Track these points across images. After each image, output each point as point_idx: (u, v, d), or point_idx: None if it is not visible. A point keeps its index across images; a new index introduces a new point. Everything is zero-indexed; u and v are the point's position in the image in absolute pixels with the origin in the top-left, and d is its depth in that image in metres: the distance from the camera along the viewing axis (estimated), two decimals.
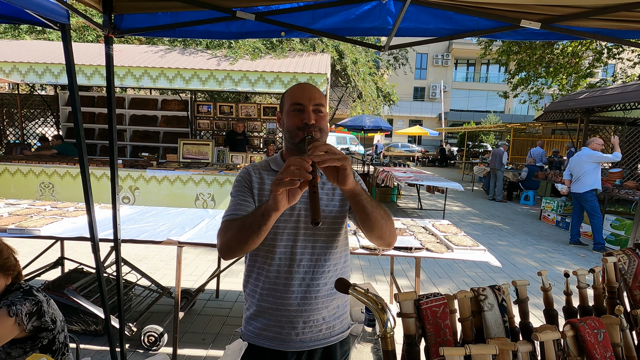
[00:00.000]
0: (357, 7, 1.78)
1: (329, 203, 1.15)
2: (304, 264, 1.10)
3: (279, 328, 1.11)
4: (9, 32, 8.02)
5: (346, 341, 1.23)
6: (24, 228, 2.36)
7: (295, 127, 1.08)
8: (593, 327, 0.61)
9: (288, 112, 1.10)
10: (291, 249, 1.10)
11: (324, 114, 1.11)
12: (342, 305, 1.21)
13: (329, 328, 1.15)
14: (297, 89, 1.12)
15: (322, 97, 1.12)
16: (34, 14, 1.51)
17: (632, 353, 0.65)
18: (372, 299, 0.69)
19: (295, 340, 1.11)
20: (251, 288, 1.17)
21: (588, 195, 5.59)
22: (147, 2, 1.74)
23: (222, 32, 1.88)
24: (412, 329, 0.67)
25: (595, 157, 5.53)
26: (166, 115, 8.32)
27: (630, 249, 0.96)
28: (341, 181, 0.90)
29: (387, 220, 1.05)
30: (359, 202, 0.98)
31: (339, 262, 1.17)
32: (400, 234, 2.70)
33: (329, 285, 1.13)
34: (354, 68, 8.01)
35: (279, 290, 1.10)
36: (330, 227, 1.14)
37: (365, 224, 1.03)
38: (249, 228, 0.94)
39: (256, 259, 1.15)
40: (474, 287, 0.77)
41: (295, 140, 1.08)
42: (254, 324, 1.15)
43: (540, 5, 1.67)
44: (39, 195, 6.06)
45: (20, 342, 1.46)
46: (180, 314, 2.56)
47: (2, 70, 5.53)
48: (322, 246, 1.13)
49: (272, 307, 1.11)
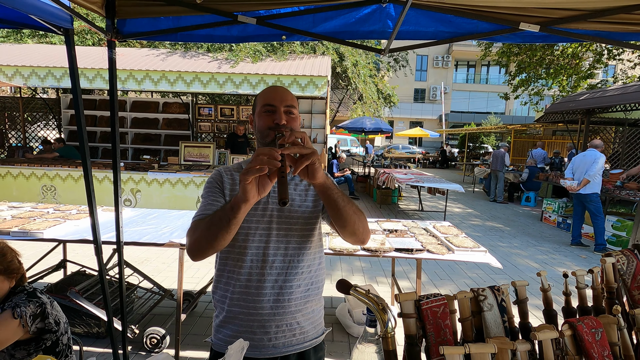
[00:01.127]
0: (357, 10, 1.80)
1: (302, 203, 1.15)
2: (276, 266, 1.09)
3: (251, 334, 1.08)
4: (12, 36, 8.08)
5: (320, 347, 1.20)
6: (27, 231, 2.37)
7: (266, 127, 1.08)
8: (591, 327, 0.62)
9: (260, 113, 1.10)
10: (263, 250, 1.09)
11: (296, 115, 1.11)
12: (317, 309, 1.19)
13: (303, 333, 1.13)
14: (269, 91, 1.12)
15: (294, 100, 1.12)
16: (38, 19, 1.53)
17: (629, 352, 0.66)
18: (373, 299, 0.70)
19: (268, 346, 1.09)
20: (221, 294, 1.14)
21: (593, 196, 5.58)
22: (149, 6, 1.76)
23: (223, 36, 1.90)
24: (413, 329, 0.68)
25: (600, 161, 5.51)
26: (167, 117, 8.35)
27: (629, 249, 0.96)
28: (311, 175, 0.89)
29: (359, 215, 1.03)
30: (330, 197, 0.97)
31: (312, 264, 1.16)
32: (401, 236, 2.71)
33: (302, 287, 1.12)
34: (354, 70, 8.04)
35: (251, 293, 1.08)
36: (304, 227, 1.13)
37: (337, 220, 1.02)
38: (218, 223, 0.92)
39: (226, 262, 1.12)
40: (473, 288, 0.78)
41: (267, 140, 1.08)
42: (224, 332, 1.12)
43: (539, 8, 1.68)
44: (41, 198, 6.09)
45: (24, 344, 1.47)
46: (183, 316, 2.57)
47: (4, 74, 5.57)
48: (295, 247, 1.11)
49: (244, 312, 1.09)
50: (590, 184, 5.57)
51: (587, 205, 5.67)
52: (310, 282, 1.15)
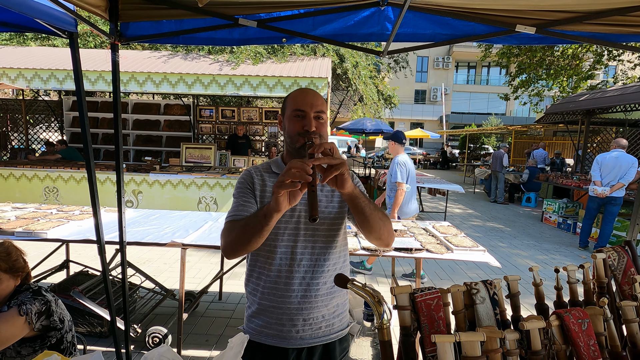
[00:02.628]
0: (356, 13, 1.83)
1: (328, 204, 1.19)
2: (304, 264, 1.14)
3: (280, 325, 1.14)
4: (15, 39, 8.14)
5: (345, 338, 1.26)
6: (31, 231, 2.41)
7: (296, 132, 1.11)
8: (577, 317, 0.64)
9: (290, 117, 1.13)
10: (292, 249, 1.14)
11: (325, 120, 1.14)
12: (341, 304, 1.24)
13: (328, 326, 1.19)
14: (299, 95, 1.15)
15: (324, 104, 1.16)
16: (44, 23, 1.56)
17: (615, 342, 0.68)
18: (369, 292, 0.72)
19: (296, 338, 1.14)
20: (252, 287, 1.20)
21: (620, 200, 5.31)
22: (152, 10, 1.79)
23: (225, 38, 1.93)
24: (408, 321, 0.71)
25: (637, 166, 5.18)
26: (169, 119, 8.39)
27: (620, 246, 0.99)
28: (340, 185, 0.94)
29: (384, 221, 1.08)
30: (358, 205, 1.01)
31: (338, 262, 1.21)
32: (401, 236, 2.73)
33: (328, 284, 1.17)
34: (354, 71, 8.08)
35: (280, 289, 1.14)
36: (330, 227, 1.18)
37: (363, 226, 1.07)
38: (252, 229, 0.98)
39: (257, 258, 1.18)
40: (466, 282, 0.80)
41: (296, 145, 1.12)
42: (256, 322, 1.19)
43: (534, 11, 1.71)
44: (44, 199, 6.12)
45: (29, 341, 1.50)
46: (184, 316, 2.59)
47: (7, 77, 5.61)
48: (321, 246, 1.16)
49: (273, 305, 1.15)
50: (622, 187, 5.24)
51: (610, 208, 5.37)
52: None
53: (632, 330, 0.70)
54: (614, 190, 5.24)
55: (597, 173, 5.43)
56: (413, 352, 0.69)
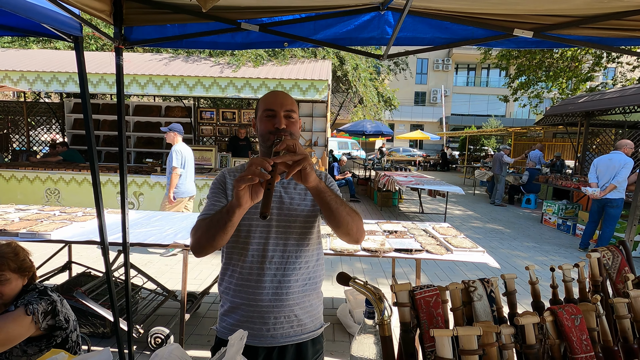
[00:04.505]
0: (356, 17, 1.86)
1: (300, 202, 1.20)
2: (275, 261, 1.15)
3: (251, 324, 1.15)
4: (17, 42, 8.18)
5: (318, 340, 1.26)
6: (35, 232, 2.43)
7: (267, 131, 1.15)
8: (570, 313, 0.67)
9: (261, 117, 1.17)
10: (263, 246, 1.15)
11: (295, 119, 1.17)
12: (315, 304, 1.24)
13: (300, 325, 1.19)
14: (270, 96, 1.18)
15: (294, 104, 1.19)
16: (50, 27, 1.59)
17: (607, 337, 0.71)
18: (371, 289, 0.75)
19: (266, 336, 1.15)
20: (225, 285, 1.21)
21: (619, 201, 5.27)
22: (156, 14, 1.83)
23: (227, 42, 1.96)
24: (407, 317, 0.73)
25: (630, 166, 5.15)
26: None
27: (614, 245, 1.01)
28: (304, 179, 0.96)
29: (353, 217, 1.09)
30: (323, 199, 1.03)
31: (310, 260, 1.21)
32: (400, 237, 2.76)
33: (300, 282, 1.17)
34: (354, 74, 8.12)
35: (252, 286, 1.15)
36: (302, 225, 1.19)
37: (330, 221, 1.08)
38: (216, 224, 1.00)
39: (231, 256, 1.19)
40: (464, 280, 0.83)
41: (268, 143, 1.15)
42: (227, 320, 1.19)
43: (532, 15, 1.74)
44: (45, 201, 6.15)
45: (36, 340, 1.52)
46: (186, 317, 2.62)
47: (10, 79, 5.66)
48: (293, 244, 1.17)
49: (245, 303, 1.15)
50: (618, 189, 5.22)
51: (609, 210, 5.34)
52: (308, 277, 1.21)
53: (624, 326, 0.72)
54: (607, 192, 5.26)
55: (592, 175, 5.49)
56: (413, 347, 0.72)
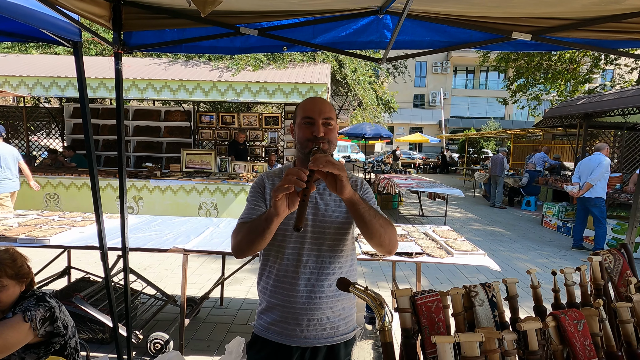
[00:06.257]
0: (355, 21, 1.86)
1: (335, 209, 1.22)
2: (309, 266, 1.18)
3: (285, 324, 1.19)
4: (16, 47, 8.20)
5: (350, 342, 1.28)
6: (34, 238, 2.42)
7: (305, 139, 1.17)
8: (573, 318, 0.66)
9: (300, 124, 1.19)
10: (298, 250, 1.18)
11: (333, 127, 1.19)
12: (347, 307, 1.27)
13: (333, 328, 1.21)
14: (308, 103, 1.21)
15: (332, 111, 1.20)
16: (49, 33, 1.59)
17: (611, 342, 0.70)
18: (371, 295, 0.74)
19: (300, 337, 1.18)
20: (263, 285, 1.26)
21: (598, 201, 5.48)
22: (155, 19, 1.83)
23: (226, 47, 1.97)
24: (408, 323, 0.73)
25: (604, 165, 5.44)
26: (169, 125, 8.43)
27: (616, 248, 1.01)
28: (339, 190, 0.98)
29: (386, 229, 1.10)
30: (357, 211, 1.05)
31: (344, 266, 1.24)
32: (401, 240, 2.74)
33: (333, 287, 1.20)
34: (353, 77, 8.14)
35: (286, 288, 1.18)
36: (336, 232, 1.21)
37: (364, 232, 1.09)
38: (255, 230, 1.04)
39: (268, 257, 1.23)
40: (466, 285, 0.82)
41: (305, 150, 1.17)
42: (264, 318, 1.24)
43: (530, 18, 1.74)
44: (45, 206, 6.14)
45: (34, 347, 1.51)
46: (186, 322, 2.60)
47: (9, 84, 5.66)
48: (327, 250, 1.20)
49: (280, 304, 1.19)
50: (595, 189, 5.45)
51: (592, 210, 5.57)
52: None
53: (627, 330, 0.71)
54: (585, 191, 5.53)
55: (575, 175, 5.88)
56: (414, 353, 0.71)
